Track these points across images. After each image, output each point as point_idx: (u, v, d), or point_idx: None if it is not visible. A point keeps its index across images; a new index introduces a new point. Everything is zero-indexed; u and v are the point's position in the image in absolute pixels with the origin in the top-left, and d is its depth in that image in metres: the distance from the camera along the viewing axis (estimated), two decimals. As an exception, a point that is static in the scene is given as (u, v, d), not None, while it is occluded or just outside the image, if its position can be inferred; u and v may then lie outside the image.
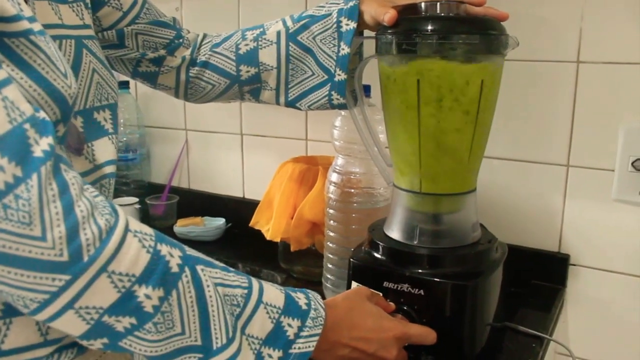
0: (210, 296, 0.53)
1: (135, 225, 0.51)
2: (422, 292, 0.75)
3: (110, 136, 0.68)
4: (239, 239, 1.35)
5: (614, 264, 1.02)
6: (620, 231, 1.00)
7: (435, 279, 0.76)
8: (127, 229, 0.49)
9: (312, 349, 0.59)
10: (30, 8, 0.60)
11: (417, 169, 0.77)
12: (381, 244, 0.81)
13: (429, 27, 0.71)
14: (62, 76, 0.53)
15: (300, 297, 0.62)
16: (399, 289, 0.76)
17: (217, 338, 0.54)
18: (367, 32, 0.84)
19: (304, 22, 0.83)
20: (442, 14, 0.74)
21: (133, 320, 0.49)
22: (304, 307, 0.60)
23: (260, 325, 0.57)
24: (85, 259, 0.45)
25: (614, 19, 0.95)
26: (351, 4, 0.80)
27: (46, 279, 0.45)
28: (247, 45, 0.86)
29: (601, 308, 1.04)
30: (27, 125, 0.45)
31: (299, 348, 0.58)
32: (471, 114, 0.73)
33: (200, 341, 0.53)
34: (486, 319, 0.81)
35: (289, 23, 0.85)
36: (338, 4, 0.82)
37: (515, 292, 1.01)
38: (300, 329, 0.58)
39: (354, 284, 0.80)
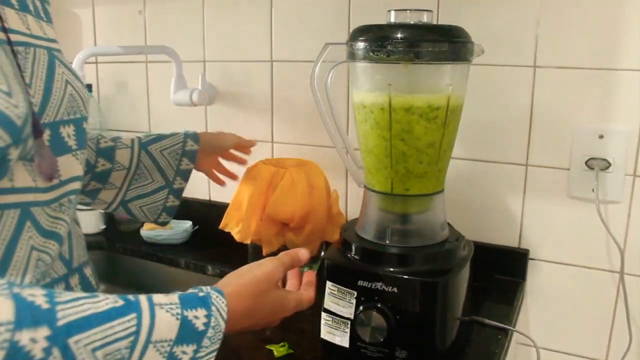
0: None
1: None
2: (395, 289, 0.78)
3: (74, 152, 0.66)
4: (206, 241, 1.35)
5: (569, 256, 1.08)
6: (575, 226, 1.06)
7: (407, 277, 0.79)
8: None
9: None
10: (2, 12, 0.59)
11: (388, 169, 0.80)
12: (354, 244, 0.84)
13: (399, 35, 0.74)
14: (5, 95, 0.51)
15: (199, 316, 0.58)
16: (372, 287, 0.79)
17: None
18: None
19: (155, 136, 0.98)
20: (412, 22, 0.77)
21: None
22: (201, 327, 0.57)
23: None
24: None
25: (568, 26, 1.00)
26: (192, 132, 1.01)
27: None
28: (106, 142, 0.94)
29: (559, 299, 1.10)
30: None
31: None
32: (440, 118, 0.77)
33: None
34: (456, 314, 0.84)
35: (141, 135, 0.98)
36: (179, 130, 1.01)
37: (480, 286, 1.05)
38: (195, 351, 0.56)
39: (329, 284, 0.82)
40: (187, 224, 1.38)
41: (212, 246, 1.31)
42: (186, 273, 1.28)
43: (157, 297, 0.55)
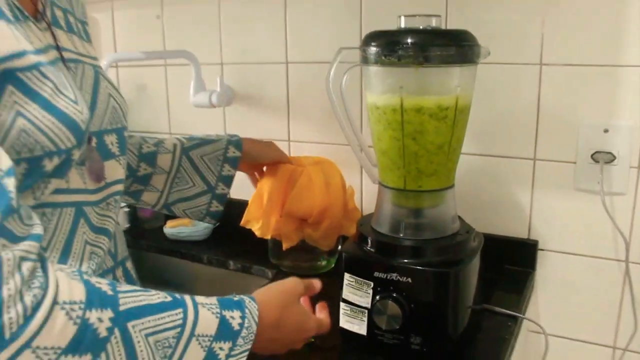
0: (141, 350, 0.54)
1: (66, 294, 0.49)
2: (409, 280, 0.83)
3: (117, 158, 0.73)
4: (227, 237, 1.40)
5: (577, 247, 1.12)
6: (581, 217, 1.10)
7: (420, 268, 0.83)
8: (54, 303, 0.48)
9: None
10: (50, 35, 0.65)
11: (401, 168, 0.85)
12: (370, 237, 0.89)
13: (409, 40, 0.79)
14: (72, 102, 0.58)
15: (235, 316, 0.64)
16: (388, 278, 0.84)
17: None
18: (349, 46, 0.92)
19: (197, 141, 1.02)
20: (421, 27, 0.82)
21: None
22: (237, 327, 0.63)
23: (194, 356, 0.59)
24: (7, 336, 0.45)
25: (573, 25, 1.04)
26: (236, 138, 1.04)
27: None
28: (148, 147, 0.99)
29: (567, 287, 1.14)
30: None
31: None
32: (449, 118, 0.81)
33: None
34: (467, 302, 0.89)
35: (184, 140, 1.02)
36: (222, 135, 1.05)
37: (490, 276, 1.09)
38: (231, 349, 0.62)
39: (347, 275, 0.87)
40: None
41: (232, 242, 1.37)
42: (208, 268, 1.33)
43: (199, 298, 0.62)
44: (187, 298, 0.60)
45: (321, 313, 0.82)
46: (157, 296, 0.58)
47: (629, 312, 1.07)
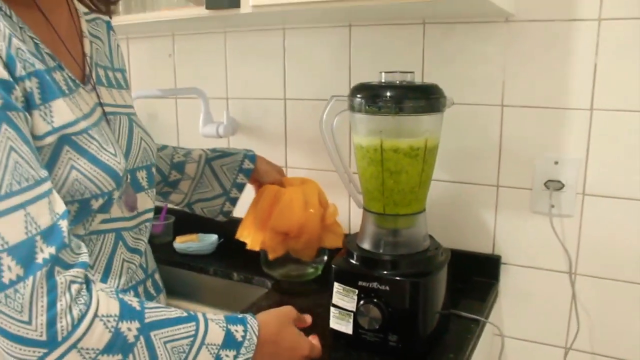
0: (161, 354, 0.69)
1: (104, 308, 0.64)
2: (387, 288, 1.00)
3: (146, 191, 0.89)
4: (230, 252, 1.57)
5: (533, 261, 1.31)
6: (537, 236, 1.29)
7: (397, 278, 1.01)
8: (95, 316, 0.62)
9: None
10: (95, 95, 0.82)
11: (381, 197, 1.03)
12: (355, 252, 1.07)
13: (388, 94, 0.97)
14: (112, 156, 0.74)
15: (238, 330, 0.77)
16: (370, 286, 1.01)
17: None
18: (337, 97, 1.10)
19: (220, 153, 1.20)
20: (398, 82, 1.01)
21: None
22: (240, 338, 0.77)
23: None
24: (60, 339, 0.60)
25: (529, 73, 1.23)
26: (251, 153, 1.22)
27: (29, 351, 0.60)
28: (179, 157, 1.17)
29: (525, 296, 1.33)
30: (38, 237, 0.60)
31: None
32: (420, 156, 1.00)
33: None
34: (436, 308, 1.07)
35: (208, 152, 1.20)
36: (241, 150, 1.22)
37: (459, 286, 1.27)
38: (235, 356, 0.75)
39: (336, 284, 1.05)
40: (214, 237, 1.61)
41: (235, 256, 1.53)
42: (214, 279, 1.50)
43: (209, 314, 0.77)
44: (199, 314, 0.75)
45: (314, 340, 0.95)
46: (175, 312, 0.73)
47: (575, 316, 1.26)
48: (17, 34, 0.67)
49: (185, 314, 0.73)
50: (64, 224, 0.63)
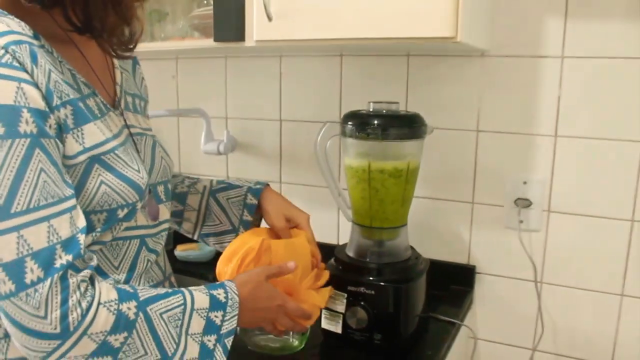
0: (158, 324, 0.78)
1: (105, 296, 0.73)
2: (373, 292, 1.14)
3: (165, 203, 1.01)
4: (227, 259, 1.70)
5: (504, 271, 1.45)
6: (508, 248, 1.43)
7: (381, 284, 1.14)
8: (98, 305, 0.72)
9: (234, 325, 0.86)
10: (123, 119, 0.94)
11: (368, 212, 1.17)
12: (345, 260, 1.20)
13: (375, 122, 1.11)
14: (136, 172, 0.86)
15: (220, 293, 0.86)
16: (357, 290, 1.15)
17: (169, 348, 0.78)
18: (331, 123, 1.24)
19: (224, 185, 1.17)
20: (384, 112, 1.15)
21: (109, 358, 0.74)
22: (223, 299, 0.85)
23: (197, 324, 0.82)
24: (72, 329, 0.69)
25: (500, 102, 1.38)
26: (258, 186, 1.15)
27: (45, 344, 0.69)
28: (182, 188, 1.19)
29: (498, 302, 1.47)
30: (58, 246, 0.70)
31: (226, 328, 0.87)
32: (403, 176, 1.14)
33: (159, 355, 0.78)
34: (416, 311, 1.20)
35: (214, 183, 1.19)
36: (249, 182, 1.17)
37: (438, 293, 1.41)
38: (223, 316, 0.85)
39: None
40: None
41: (233, 263, 1.66)
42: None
43: (192, 287, 0.87)
44: (184, 289, 0.86)
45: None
46: (164, 290, 0.84)
47: (540, 320, 1.40)
48: (57, 67, 0.79)
49: (170, 290, 0.84)
50: (82, 238, 0.74)
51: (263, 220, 1.16)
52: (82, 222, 0.75)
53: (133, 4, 0.84)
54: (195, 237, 1.21)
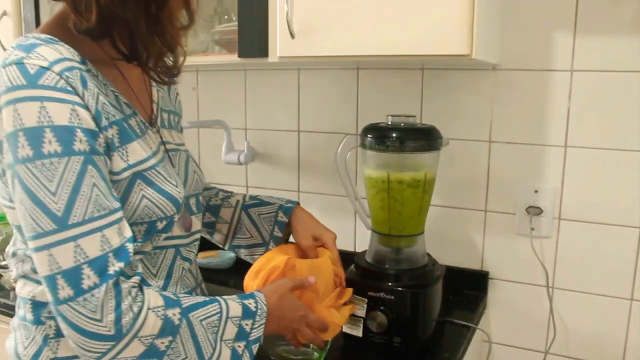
0: (198, 330, 0.83)
1: (153, 302, 0.79)
2: (392, 297, 1.19)
3: (196, 215, 1.06)
4: (247, 266, 1.74)
5: (516, 276, 1.50)
6: (520, 254, 1.48)
7: (400, 289, 1.20)
8: (148, 310, 0.77)
9: (261, 332, 0.92)
10: (159, 136, 1.00)
11: (387, 221, 1.23)
12: (364, 267, 1.25)
13: (394, 135, 1.17)
14: (174, 187, 0.92)
15: (251, 303, 0.92)
16: (377, 296, 1.20)
17: (206, 352, 0.83)
18: (350, 136, 1.30)
19: (256, 201, 1.22)
20: (402, 125, 1.21)
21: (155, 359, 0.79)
22: (253, 309, 0.91)
23: (230, 331, 0.88)
24: (124, 332, 0.74)
25: (512, 113, 1.44)
26: (289, 205, 1.19)
27: (99, 345, 0.74)
28: (216, 201, 1.24)
29: (510, 307, 1.52)
30: (110, 254, 0.75)
31: (254, 335, 0.93)
32: (420, 186, 1.20)
33: (197, 358, 0.83)
34: (433, 315, 1.25)
35: (247, 198, 1.23)
36: (281, 200, 1.21)
37: (453, 298, 1.46)
38: (252, 324, 0.92)
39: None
40: (231, 254, 1.79)
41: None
42: (233, 291, 1.68)
43: (226, 296, 0.93)
44: (219, 297, 0.92)
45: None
46: (201, 298, 0.90)
47: (552, 324, 1.45)
48: (102, 90, 0.85)
49: (208, 298, 0.90)
50: (130, 246, 0.80)
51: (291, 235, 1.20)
52: (128, 232, 0.80)
53: (177, 33, 0.89)
54: (226, 248, 1.26)
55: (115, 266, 0.76)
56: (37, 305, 0.88)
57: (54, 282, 0.74)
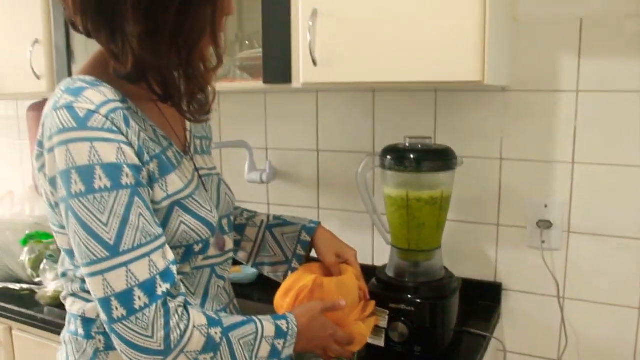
0: (236, 348, 0.90)
1: (198, 321, 0.86)
2: (412, 309, 1.26)
3: (228, 234, 1.13)
4: (267, 282, 1.80)
5: (529, 287, 1.57)
6: (532, 266, 1.55)
7: (419, 301, 1.27)
8: (193, 328, 0.84)
9: (292, 351, 0.98)
10: (195, 162, 1.07)
11: (406, 236, 1.30)
12: (385, 280, 1.33)
13: (412, 156, 1.25)
14: (209, 212, 0.99)
15: (283, 324, 0.98)
16: (398, 307, 1.27)
17: None
18: (369, 156, 1.38)
19: (280, 222, 1.28)
20: (419, 146, 1.29)
21: None
22: (285, 329, 0.97)
23: (264, 350, 0.94)
24: (173, 347, 0.82)
25: (522, 131, 1.51)
26: (312, 225, 1.25)
27: (151, 358, 0.81)
28: (241, 220, 1.29)
29: (523, 316, 1.59)
30: (158, 276, 0.82)
31: (285, 353, 0.96)
32: (437, 204, 1.27)
33: None
34: (451, 325, 1.33)
35: (271, 218, 1.29)
36: (304, 221, 1.27)
37: (468, 309, 1.53)
38: (284, 343, 0.99)
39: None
40: (254, 270, 1.86)
41: (274, 285, 1.78)
42: (257, 304, 1.75)
43: (260, 316, 1.01)
44: (255, 317, 0.99)
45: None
46: (239, 317, 0.97)
47: (564, 332, 1.52)
48: (142, 126, 0.92)
49: (245, 318, 0.98)
50: (173, 268, 0.88)
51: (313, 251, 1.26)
52: (171, 255, 0.88)
53: (207, 74, 0.95)
54: (250, 264, 1.33)
55: (162, 287, 0.83)
56: (87, 321, 0.96)
57: (109, 303, 0.81)
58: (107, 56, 0.89)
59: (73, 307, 0.98)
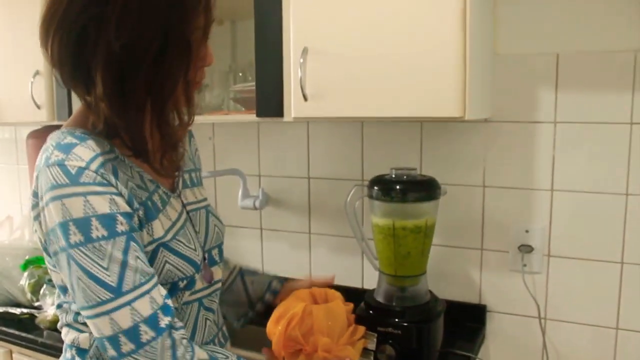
0: None
1: (199, 354, 0.91)
2: (399, 331, 1.33)
3: (218, 264, 1.17)
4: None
5: (513, 309, 1.64)
6: (514, 288, 1.62)
7: (406, 324, 1.34)
8: None
9: None
10: (183, 197, 1.11)
11: (393, 263, 1.37)
12: (373, 304, 1.39)
13: (398, 187, 1.32)
14: (193, 251, 1.04)
15: None
16: (386, 330, 1.34)
17: None
18: (357, 184, 1.46)
19: (252, 270, 1.35)
20: (405, 178, 1.36)
21: None
22: None
23: None
24: None
25: (503, 159, 1.59)
26: (280, 277, 1.32)
27: None
28: None
29: (507, 338, 1.65)
30: (159, 311, 0.88)
31: None
32: (422, 232, 1.34)
33: None
34: (436, 347, 1.39)
35: (243, 267, 1.33)
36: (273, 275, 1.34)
37: (453, 330, 1.59)
38: None
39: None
40: (248, 291, 1.93)
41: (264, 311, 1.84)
42: (248, 329, 1.80)
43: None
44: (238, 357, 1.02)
45: None
46: (234, 355, 1.03)
47: (545, 352, 1.59)
48: (129, 174, 0.97)
49: (230, 354, 1.03)
50: (169, 302, 0.94)
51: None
52: (164, 290, 0.94)
53: (180, 130, 1.02)
54: None
55: (164, 320, 0.90)
56: (81, 351, 1.02)
57: (117, 340, 0.87)
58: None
59: (67, 336, 1.04)
